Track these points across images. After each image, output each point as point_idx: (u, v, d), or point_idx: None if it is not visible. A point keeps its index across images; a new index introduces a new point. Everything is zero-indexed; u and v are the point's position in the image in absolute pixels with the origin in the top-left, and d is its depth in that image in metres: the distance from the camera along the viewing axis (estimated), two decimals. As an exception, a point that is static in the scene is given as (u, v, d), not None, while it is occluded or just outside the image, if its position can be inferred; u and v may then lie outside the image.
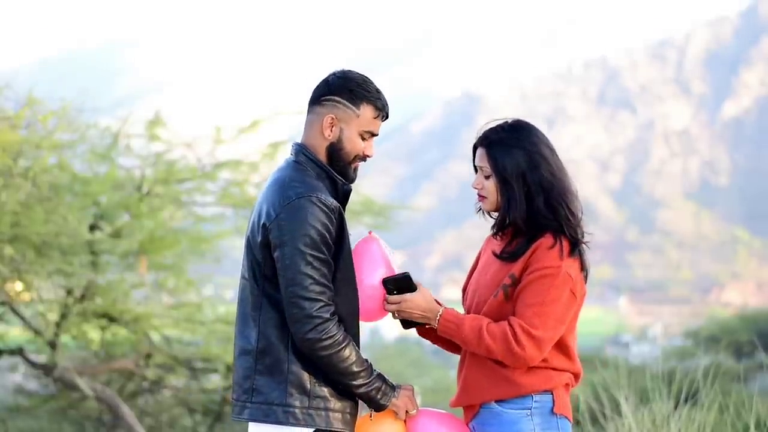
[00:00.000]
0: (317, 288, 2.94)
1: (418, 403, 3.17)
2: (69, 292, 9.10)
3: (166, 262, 9.74)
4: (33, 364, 9.41)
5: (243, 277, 3.12)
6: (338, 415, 3.03)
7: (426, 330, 3.25)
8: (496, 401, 3.11)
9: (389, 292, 3.12)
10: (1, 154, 7.58)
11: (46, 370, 9.11)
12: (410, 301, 3.11)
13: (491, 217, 3.25)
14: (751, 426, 5.00)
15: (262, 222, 3.01)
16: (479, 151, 3.19)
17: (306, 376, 3.00)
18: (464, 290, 3.32)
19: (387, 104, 3.13)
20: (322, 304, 2.94)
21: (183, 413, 11.12)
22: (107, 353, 10.36)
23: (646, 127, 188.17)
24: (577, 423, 5.87)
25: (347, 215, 3.10)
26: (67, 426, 10.97)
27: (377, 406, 3.07)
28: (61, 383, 9.38)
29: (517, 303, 3.07)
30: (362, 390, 3.02)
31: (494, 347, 3.04)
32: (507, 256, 3.13)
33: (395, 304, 3.12)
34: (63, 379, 8.97)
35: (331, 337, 2.94)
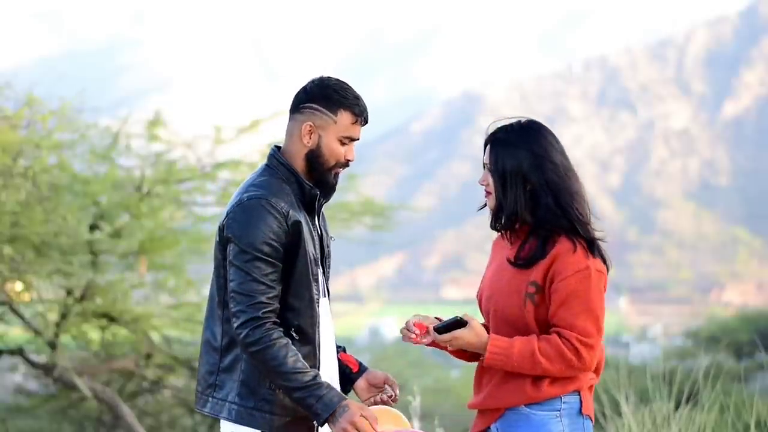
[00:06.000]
0: (255, 286, 2.97)
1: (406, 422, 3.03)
2: (69, 292, 9.10)
3: (166, 262, 9.74)
4: (33, 364, 9.41)
5: (213, 273, 3.18)
6: (282, 420, 3.03)
7: (457, 351, 3.17)
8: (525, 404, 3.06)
9: (440, 333, 3.08)
10: (1, 154, 7.57)
11: (46, 370, 9.11)
12: (460, 338, 3.06)
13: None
14: (751, 426, 5.00)
15: (220, 223, 3.11)
16: (487, 148, 3.17)
17: (256, 377, 3.02)
18: (479, 295, 3.25)
19: (365, 109, 3.14)
20: (256, 301, 2.97)
21: (183, 413, 11.12)
22: (107, 353, 10.35)
23: (646, 127, 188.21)
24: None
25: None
26: (67, 426, 10.98)
27: (315, 418, 2.98)
28: (61, 383, 9.37)
29: (559, 312, 3.01)
30: (297, 395, 2.95)
31: (551, 368, 2.99)
32: (522, 263, 3.08)
33: (446, 341, 3.07)
34: (63, 379, 8.97)
35: (262, 336, 2.93)
